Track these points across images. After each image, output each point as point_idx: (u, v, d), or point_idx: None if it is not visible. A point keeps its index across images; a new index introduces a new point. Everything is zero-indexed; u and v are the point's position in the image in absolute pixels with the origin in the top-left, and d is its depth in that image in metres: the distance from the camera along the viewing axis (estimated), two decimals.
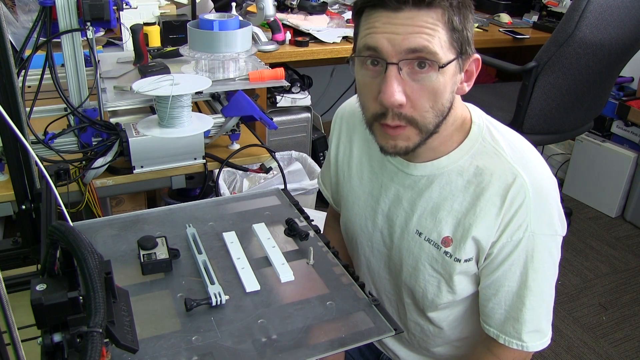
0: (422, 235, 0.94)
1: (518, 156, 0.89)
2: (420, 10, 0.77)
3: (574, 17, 1.87)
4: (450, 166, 0.91)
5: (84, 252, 0.56)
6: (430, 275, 0.95)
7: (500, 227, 0.87)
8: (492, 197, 0.87)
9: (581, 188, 2.94)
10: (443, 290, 0.95)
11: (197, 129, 1.25)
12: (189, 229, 0.93)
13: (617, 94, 2.77)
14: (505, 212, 0.86)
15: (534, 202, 0.85)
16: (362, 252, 1.07)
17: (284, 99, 2.43)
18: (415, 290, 0.98)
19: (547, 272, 0.89)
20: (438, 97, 0.81)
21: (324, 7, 2.40)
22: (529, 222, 0.85)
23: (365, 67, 0.82)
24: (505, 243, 0.87)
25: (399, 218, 0.97)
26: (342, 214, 1.11)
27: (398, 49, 0.77)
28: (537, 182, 0.86)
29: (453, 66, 0.81)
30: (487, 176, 0.88)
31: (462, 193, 0.90)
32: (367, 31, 0.80)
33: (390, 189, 0.98)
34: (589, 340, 2.06)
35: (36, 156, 0.77)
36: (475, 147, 0.90)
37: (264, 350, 0.70)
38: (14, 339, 0.51)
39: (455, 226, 0.90)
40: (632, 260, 2.53)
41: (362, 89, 0.86)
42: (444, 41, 0.78)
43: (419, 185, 0.94)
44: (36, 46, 1.14)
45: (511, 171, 0.86)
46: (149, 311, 0.76)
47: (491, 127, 0.92)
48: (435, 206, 0.92)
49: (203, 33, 1.35)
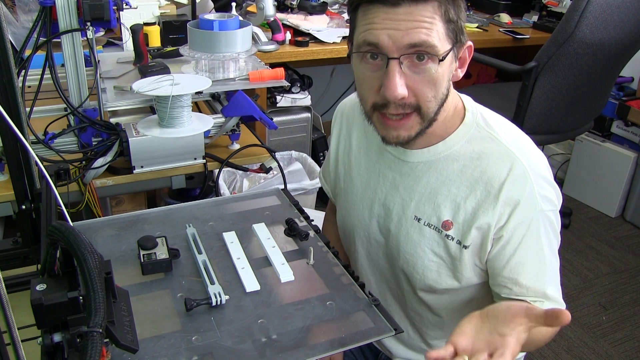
0: (422, 221, 0.95)
1: (512, 140, 0.91)
2: (417, 4, 0.78)
3: (574, 17, 1.87)
4: (447, 152, 0.93)
5: (84, 252, 0.56)
6: (430, 260, 0.95)
7: (506, 210, 0.88)
8: (491, 180, 0.89)
9: (581, 188, 2.94)
10: (442, 274, 0.95)
11: (197, 129, 1.25)
12: (189, 229, 0.93)
13: (617, 94, 2.77)
14: (508, 195, 0.87)
15: (536, 183, 0.88)
16: (359, 243, 1.07)
17: (284, 99, 2.43)
18: (413, 276, 0.98)
19: (553, 246, 0.92)
20: (438, 86, 0.83)
21: (324, 7, 2.40)
22: (536, 201, 0.88)
23: (365, 61, 0.84)
24: (517, 225, 0.88)
25: (395, 205, 0.98)
26: (339, 207, 1.12)
27: (399, 45, 0.79)
28: (533, 162, 0.89)
29: (450, 56, 0.83)
30: (485, 160, 0.90)
31: (458, 177, 0.91)
32: (366, 27, 0.81)
33: (388, 177, 0.99)
34: (589, 340, 2.06)
35: (36, 156, 0.77)
36: (470, 132, 0.92)
37: (264, 350, 0.70)
38: (14, 339, 0.51)
39: (455, 210, 0.92)
40: (632, 260, 2.53)
41: (361, 82, 0.87)
42: (442, 33, 0.80)
43: (416, 171, 0.95)
44: (36, 46, 1.14)
45: (508, 155, 0.89)
46: (149, 311, 0.76)
47: (484, 113, 0.95)
48: (433, 191, 0.94)
49: (203, 33, 1.35)
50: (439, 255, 0.95)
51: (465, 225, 0.91)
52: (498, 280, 0.92)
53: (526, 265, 0.90)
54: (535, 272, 0.90)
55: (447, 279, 0.96)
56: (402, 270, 1.00)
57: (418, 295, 1.01)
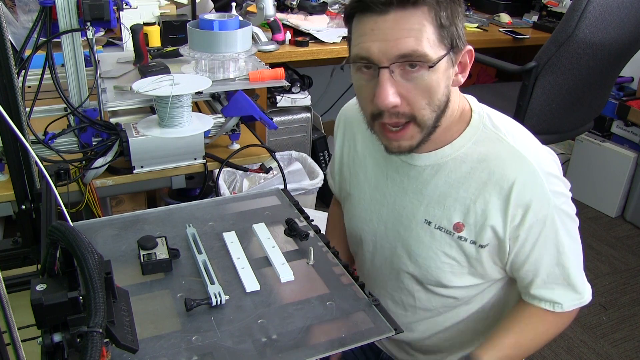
0: (432, 224, 0.95)
1: (519, 139, 0.92)
2: (405, 10, 0.78)
3: (574, 17, 1.87)
4: (454, 154, 0.92)
5: (84, 252, 0.56)
6: (443, 262, 0.96)
7: (518, 210, 0.88)
8: (500, 181, 0.89)
9: (581, 188, 2.94)
10: (458, 273, 0.96)
11: (197, 129, 1.25)
12: (189, 229, 0.93)
13: (617, 94, 2.77)
14: (520, 195, 0.88)
15: (546, 180, 0.88)
16: (366, 247, 1.07)
17: (284, 99, 2.43)
18: (427, 277, 0.98)
19: (572, 232, 0.93)
20: (433, 93, 0.82)
21: (324, 7, 2.40)
22: (548, 198, 0.88)
23: (360, 72, 0.85)
24: (532, 224, 0.89)
25: (405, 209, 0.98)
26: (346, 211, 1.11)
27: (389, 55, 0.79)
28: (541, 160, 0.89)
29: (445, 62, 0.82)
30: (492, 161, 0.90)
31: (467, 180, 0.91)
32: (358, 40, 0.83)
33: (396, 181, 0.99)
34: (589, 340, 2.06)
35: (36, 156, 0.77)
36: (477, 134, 0.92)
37: (264, 350, 0.70)
38: (14, 339, 0.51)
39: (465, 212, 0.92)
40: (632, 260, 2.53)
41: (359, 92, 0.88)
42: (432, 40, 0.80)
43: (424, 175, 0.95)
44: (36, 46, 1.14)
45: (516, 155, 0.89)
46: (149, 311, 0.76)
47: (491, 114, 0.95)
48: (442, 195, 0.94)
49: (203, 33, 1.35)
50: (452, 257, 0.95)
51: (478, 225, 0.91)
52: (521, 274, 0.95)
53: (545, 257, 0.92)
54: (555, 261, 0.92)
55: (466, 278, 0.97)
56: (412, 275, 1.00)
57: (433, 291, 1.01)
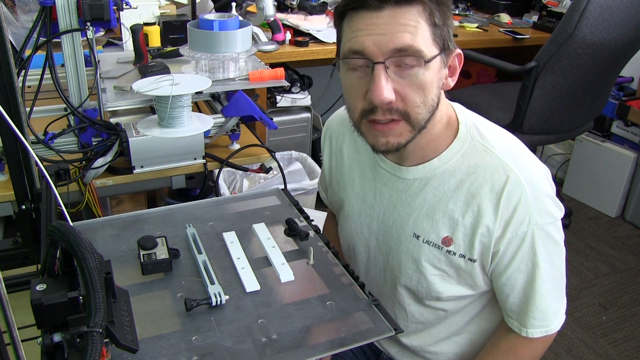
0: (420, 238, 0.94)
1: (508, 151, 0.90)
2: (401, 7, 0.78)
3: (573, 17, 1.87)
4: (442, 167, 0.92)
5: (84, 252, 0.56)
6: (434, 275, 0.95)
7: (501, 223, 0.88)
8: (487, 194, 0.88)
9: (581, 188, 2.94)
10: (450, 285, 0.96)
11: (197, 129, 1.25)
12: (189, 229, 0.93)
13: (617, 94, 2.77)
14: (504, 208, 0.87)
15: (532, 195, 0.87)
16: (359, 259, 1.07)
17: (284, 99, 2.43)
18: (418, 290, 0.98)
19: (554, 258, 0.91)
20: (427, 91, 0.82)
21: (324, 7, 2.40)
22: (530, 215, 0.87)
23: (352, 70, 0.84)
24: (511, 238, 0.88)
25: (395, 223, 0.98)
26: (339, 222, 1.11)
27: (384, 50, 0.79)
28: (530, 174, 0.88)
29: (438, 61, 0.82)
30: (481, 174, 0.89)
31: (455, 193, 0.91)
32: (352, 35, 0.81)
33: (384, 194, 0.98)
34: (589, 340, 2.06)
35: (36, 156, 0.77)
36: (465, 146, 0.91)
37: (264, 350, 0.70)
38: (14, 339, 0.51)
39: (453, 226, 0.91)
40: (632, 260, 2.53)
41: (348, 90, 0.87)
42: (427, 37, 0.80)
43: (413, 188, 0.95)
44: (36, 46, 1.14)
45: (503, 167, 0.88)
46: (149, 311, 0.76)
47: (478, 125, 0.94)
48: (431, 208, 0.93)
49: (203, 33, 1.35)
50: (442, 270, 0.94)
51: (467, 239, 0.91)
52: (498, 286, 0.94)
53: (520, 276, 0.91)
54: (529, 283, 0.92)
55: (458, 288, 0.96)
56: (404, 286, 1.00)
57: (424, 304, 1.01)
